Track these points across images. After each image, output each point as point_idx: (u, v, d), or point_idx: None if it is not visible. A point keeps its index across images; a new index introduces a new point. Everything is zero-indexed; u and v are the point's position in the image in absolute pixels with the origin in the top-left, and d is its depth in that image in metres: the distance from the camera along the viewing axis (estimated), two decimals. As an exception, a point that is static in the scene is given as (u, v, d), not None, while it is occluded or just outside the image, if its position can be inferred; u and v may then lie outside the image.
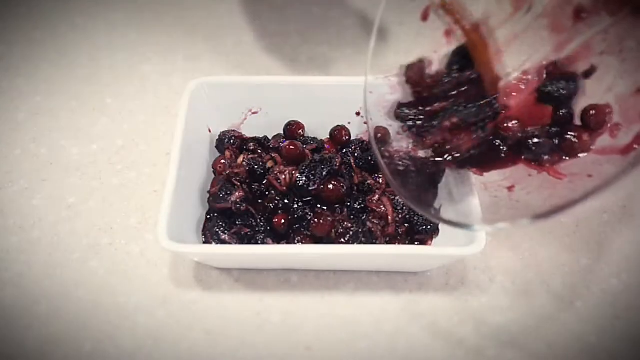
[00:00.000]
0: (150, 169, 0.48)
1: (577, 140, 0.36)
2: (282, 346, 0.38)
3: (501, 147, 0.37)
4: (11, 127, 0.51)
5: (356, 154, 0.45)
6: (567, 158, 0.36)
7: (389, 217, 0.41)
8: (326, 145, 0.47)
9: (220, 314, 0.40)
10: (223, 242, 0.40)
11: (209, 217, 0.42)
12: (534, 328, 0.39)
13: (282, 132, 0.48)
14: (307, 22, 0.62)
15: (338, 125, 0.47)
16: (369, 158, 0.44)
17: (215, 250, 0.39)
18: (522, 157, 0.37)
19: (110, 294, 0.40)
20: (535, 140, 0.36)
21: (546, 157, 0.36)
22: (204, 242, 0.41)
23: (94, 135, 0.51)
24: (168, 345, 0.38)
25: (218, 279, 0.41)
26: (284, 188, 0.41)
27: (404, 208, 0.42)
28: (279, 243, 0.41)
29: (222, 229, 0.41)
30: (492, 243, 0.43)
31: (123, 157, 0.49)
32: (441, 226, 0.42)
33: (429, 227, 0.41)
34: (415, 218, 0.41)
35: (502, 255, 0.43)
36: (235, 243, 0.40)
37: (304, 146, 0.45)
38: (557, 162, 0.36)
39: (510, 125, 0.37)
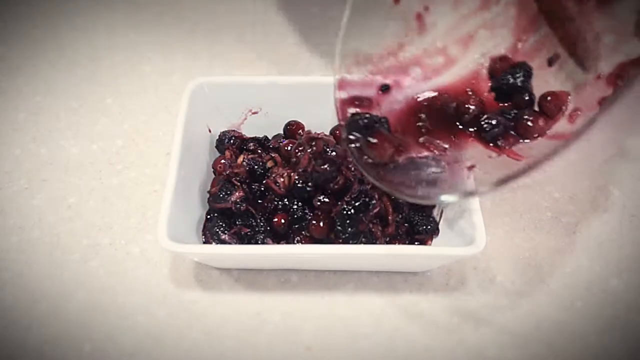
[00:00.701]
0: (150, 169, 0.48)
1: (532, 124, 0.37)
2: (282, 346, 0.38)
3: (458, 125, 0.38)
4: (11, 127, 0.51)
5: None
6: (523, 140, 0.37)
7: (389, 217, 0.41)
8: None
9: (220, 314, 0.40)
10: (223, 242, 0.40)
11: (208, 217, 0.42)
12: (534, 328, 0.39)
13: (282, 132, 0.48)
14: (307, 22, 0.62)
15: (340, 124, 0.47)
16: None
17: (215, 250, 0.39)
18: (479, 136, 0.38)
19: (110, 294, 0.40)
20: (491, 121, 0.37)
21: (501, 139, 0.37)
22: (204, 242, 0.41)
23: (94, 135, 0.51)
24: (168, 345, 0.38)
25: (218, 279, 0.41)
26: (283, 191, 0.41)
27: (404, 208, 0.42)
28: (278, 243, 0.41)
29: (222, 229, 0.41)
30: (492, 243, 0.43)
31: (123, 157, 0.49)
32: (441, 226, 0.42)
33: (429, 227, 0.41)
34: (416, 218, 0.41)
35: (502, 255, 0.43)
36: (235, 243, 0.40)
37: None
38: (513, 144, 0.37)
39: (469, 106, 0.38)
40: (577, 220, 0.45)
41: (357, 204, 0.40)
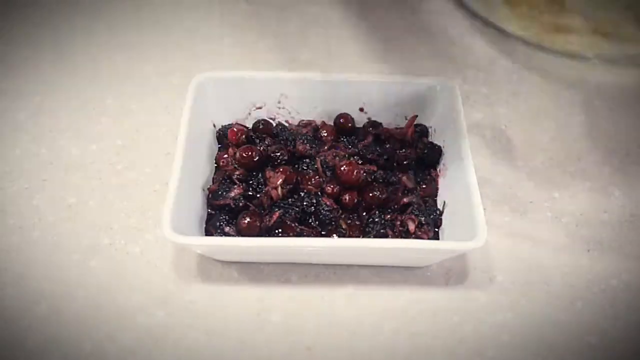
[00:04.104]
0: (150, 168, 0.48)
1: None
2: (282, 346, 0.38)
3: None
4: (11, 127, 0.51)
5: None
6: None
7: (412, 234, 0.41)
8: (324, 132, 0.47)
9: (220, 314, 0.40)
10: (227, 234, 0.40)
11: (210, 211, 0.43)
12: (534, 328, 0.39)
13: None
14: (307, 22, 0.62)
15: (343, 113, 0.48)
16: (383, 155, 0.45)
17: (219, 242, 0.39)
18: None
19: (110, 294, 0.40)
20: None
21: None
22: (207, 235, 0.41)
23: (94, 135, 0.51)
24: (168, 345, 0.38)
25: (218, 279, 0.41)
26: (279, 199, 0.42)
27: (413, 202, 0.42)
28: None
29: (225, 222, 0.41)
30: (492, 243, 0.43)
31: (123, 157, 0.49)
32: (443, 222, 0.42)
33: (431, 217, 0.41)
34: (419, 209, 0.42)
35: (502, 255, 0.43)
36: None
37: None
38: None
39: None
40: (577, 220, 0.45)
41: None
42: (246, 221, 0.40)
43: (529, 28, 0.60)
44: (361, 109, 0.48)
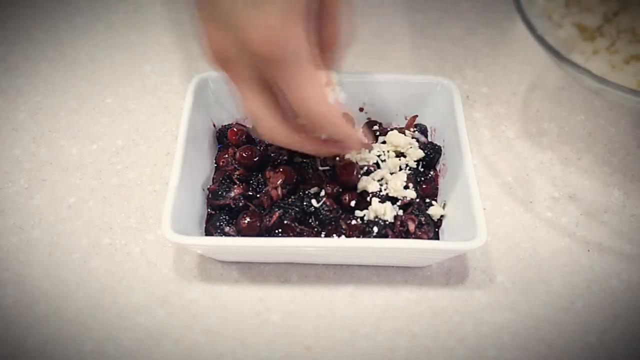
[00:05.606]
0: (150, 169, 0.48)
1: None
2: (282, 346, 0.38)
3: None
4: (11, 127, 0.51)
5: None
6: None
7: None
8: None
9: (220, 314, 0.40)
10: (227, 234, 0.40)
11: (209, 211, 0.43)
12: (534, 328, 0.39)
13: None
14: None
15: (343, 112, 0.47)
16: None
17: (218, 242, 0.39)
18: None
19: (110, 294, 0.40)
20: None
21: None
22: (207, 235, 0.41)
23: (94, 135, 0.51)
24: (168, 345, 0.38)
25: (218, 279, 0.41)
26: (279, 199, 0.42)
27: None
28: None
29: (225, 222, 0.41)
30: (492, 243, 0.43)
31: (123, 157, 0.49)
32: (443, 223, 0.42)
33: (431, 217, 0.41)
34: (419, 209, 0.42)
35: (502, 255, 0.43)
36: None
37: None
38: None
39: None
40: (577, 220, 0.45)
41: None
42: (246, 221, 0.40)
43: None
44: (361, 109, 0.48)
